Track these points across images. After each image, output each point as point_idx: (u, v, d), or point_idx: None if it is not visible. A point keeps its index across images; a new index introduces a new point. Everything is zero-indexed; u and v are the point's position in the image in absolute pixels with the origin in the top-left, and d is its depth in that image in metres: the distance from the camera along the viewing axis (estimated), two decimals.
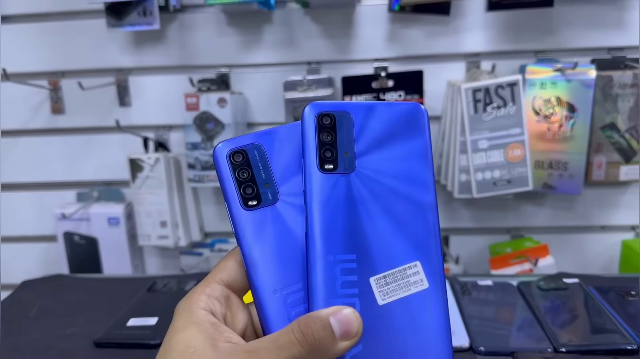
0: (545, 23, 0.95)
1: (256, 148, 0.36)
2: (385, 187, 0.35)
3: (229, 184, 0.36)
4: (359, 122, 0.36)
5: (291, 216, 0.36)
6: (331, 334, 0.31)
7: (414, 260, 0.35)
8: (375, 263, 0.34)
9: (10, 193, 1.11)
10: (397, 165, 0.36)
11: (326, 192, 0.35)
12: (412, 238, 0.35)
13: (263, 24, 0.99)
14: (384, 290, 0.34)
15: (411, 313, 0.34)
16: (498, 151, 0.90)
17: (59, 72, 1.04)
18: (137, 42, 1.01)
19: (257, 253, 0.35)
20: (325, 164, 0.35)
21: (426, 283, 0.34)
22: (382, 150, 0.36)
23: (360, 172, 0.35)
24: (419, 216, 0.35)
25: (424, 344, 0.33)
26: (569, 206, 1.04)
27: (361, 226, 0.35)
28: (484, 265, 1.03)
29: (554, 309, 0.68)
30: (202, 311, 0.34)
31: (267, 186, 0.36)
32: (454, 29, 0.97)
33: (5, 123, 1.07)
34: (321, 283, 0.33)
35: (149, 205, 1.01)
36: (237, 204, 0.35)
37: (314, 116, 0.36)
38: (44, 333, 0.70)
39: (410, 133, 0.37)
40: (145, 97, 1.04)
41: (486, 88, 0.89)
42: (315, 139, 0.36)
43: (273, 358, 0.31)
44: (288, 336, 0.31)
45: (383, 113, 0.37)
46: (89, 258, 1.05)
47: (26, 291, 0.82)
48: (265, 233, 0.35)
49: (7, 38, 1.03)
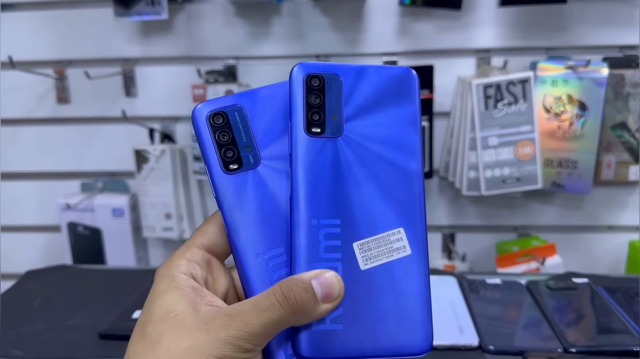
0: (557, 20, 0.94)
1: (237, 110, 0.36)
2: (372, 153, 0.35)
3: (209, 147, 0.35)
4: (348, 85, 0.35)
5: (273, 180, 0.35)
6: (313, 296, 0.31)
7: (398, 227, 0.35)
8: (358, 229, 0.34)
9: (13, 182, 1.10)
10: (385, 131, 0.35)
11: (312, 156, 0.34)
12: (397, 205, 0.35)
13: (272, 16, 0.98)
14: (366, 255, 0.34)
15: (392, 279, 0.34)
16: (508, 148, 0.89)
17: (65, 61, 1.03)
18: (144, 32, 1.00)
19: (239, 216, 0.35)
20: (313, 127, 0.35)
21: (409, 250, 0.34)
22: (371, 115, 0.35)
23: (348, 136, 0.35)
24: (405, 183, 0.35)
25: (404, 310, 0.33)
26: (577, 205, 1.03)
27: (346, 192, 0.34)
28: (491, 263, 1.03)
29: (563, 309, 0.67)
30: (182, 276, 0.33)
31: (249, 150, 0.35)
32: (465, 24, 0.95)
33: (10, 111, 1.06)
34: (304, 246, 0.33)
35: (154, 197, 1.00)
36: (218, 167, 0.35)
37: (302, 77, 0.35)
38: (47, 323, 0.70)
39: (400, 98, 0.36)
40: (151, 88, 1.03)
41: (497, 84, 0.88)
42: (302, 101, 0.35)
43: (254, 320, 0.31)
44: (270, 299, 0.31)
45: (373, 76, 0.36)
46: (92, 249, 1.05)
47: (30, 281, 0.82)
48: (246, 197, 0.35)
49: (13, 25, 1.02)
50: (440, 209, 1.04)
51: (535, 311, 0.67)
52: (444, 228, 1.05)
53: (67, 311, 0.72)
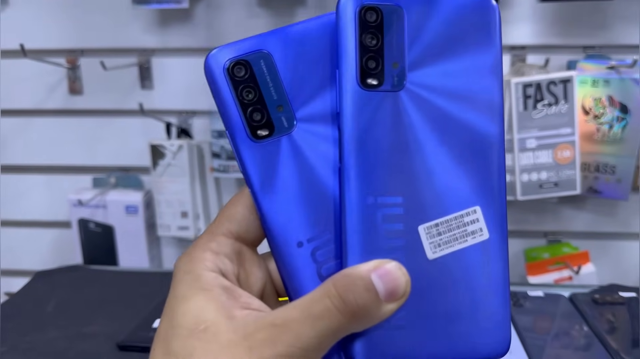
0: (598, 17, 0.89)
1: (263, 58, 0.29)
2: (442, 112, 0.28)
3: (230, 108, 0.29)
4: (413, 21, 0.28)
5: (314, 148, 0.29)
6: (376, 296, 0.25)
7: (474, 205, 0.29)
8: (425, 208, 0.28)
9: (22, 176, 1.06)
10: (459, 82, 0.29)
11: (367, 115, 0.28)
12: (473, 178, 0.29)
13: (296, 6, 0.93)
14: (435, 241, 0.28)
15: (467, 270, 0.28)
16: (547, 151, 0.84)
17: (78, 50, 0.98)
18: (162, 21, 0.95)
19: (274, 196, 0.28)
20: (368, 78, 0.28)
21: (486, 234, 0.28)
22: (442, 61, 0.29)
23: (412, 89, 0.28)
24: (482, 150, 0.29)
25: (480, 307, 0.28)
26: (610, 212, 0.98)
27: (410, 161, 0.28)
28: (519, 269, 0.98)
29: (614, 326, 0.63)
30: (210, 274, 0.27)
31: (281, 110, 0.29)
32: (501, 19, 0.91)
33: (20, 102, 1.01)
34: (358, 232, 0.28)
35: (169, 194, 0.96)
36: (244, 134, 0.29)
37: (355, 9, 0.28)
38: (62, 330, 0.65)
39: (477, 38, 0.29)
40: (168, 80, 0.98)
41: (537, 83, 0.83)
42: (355, 43, 0.28)
43: (308, 331, 0.25)
44: (324, 303, 0.25)
45: (444, 8, 0.29)
46: (104, 247, 1.00)
47: (41, 283, 0.78)
48: (281, 170, 0.29)
49: (23, 12, 0.97)
50: None
51: (583, 327, 0.63)
52: None
53: (82, 317, 0.68)
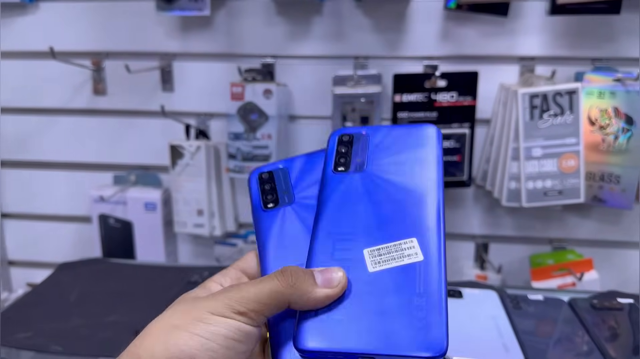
0: (606, 30, 0.92)
1: (281, 170, 0.44)
2: (390, 182, 0.39)
3: (255, 194, 0.43)
4: (374, 140, 0.42)
5: (303, 213, 0.41)
6: (311, 277, 0.34)
7: (411, 237, 0.36)
8: (372, 239, 0.37)
9: (46, 172, 1.11)
10: (402, 166, 0.40)
11: (335, 184, 0.40)
12: (413, 220, 0.37)
13: (313, 15, 0.97)
14: (375, 259, 0.36)
15: (402, 280, 0.34)
16: (552, 160, 0.87)
17: (103, 53, 1.03)
18: (183, 27, 0.99)
19: (270, 241, 0.40)
20: (339, 167, 0.41)
21: (421, 256, 0.35)
22: (392, 156, 0.41)
23: (369, 171, 0.40)
24: (420, 203, 0.38)
25: (413, 310, 0.33)
26: (615, 221, 1.00)
27: (364, 211, 0.38)
28: (524, 275, 1.01)
29: (611, 331, 0.66)
30: (213, 283, 0.39)
31: (285, 193, 0.42)
32: (510, 30, 0.93)
33: (47, 101, 1.06)
34: (318, 250, 0.37)
35: (187, 193, 1.00)
36: (259, 207, 0.42)
37: (337, 136, 0.44)
38: (85, 319, 0.69)
39: (420, 146, 0.41)
40: (188, 83, 1.02)
41: (544, 94, 0.86)
42: (334, 151, 0.42)
43: (250, 287, 0.34)
44: (270, 276, 0.35)
45: (396, 132, 0.43)
46: (122, 242, 1.05)
47: (65, 274, 0.82)
48: (278, 225, 0.41)
49: (52, 16, 1.02)
50: (475, 218, 1.02)
51: (581, 332, 0.66)
52: (477, 238, 1.04)
53: (104, 308, 0.72)
